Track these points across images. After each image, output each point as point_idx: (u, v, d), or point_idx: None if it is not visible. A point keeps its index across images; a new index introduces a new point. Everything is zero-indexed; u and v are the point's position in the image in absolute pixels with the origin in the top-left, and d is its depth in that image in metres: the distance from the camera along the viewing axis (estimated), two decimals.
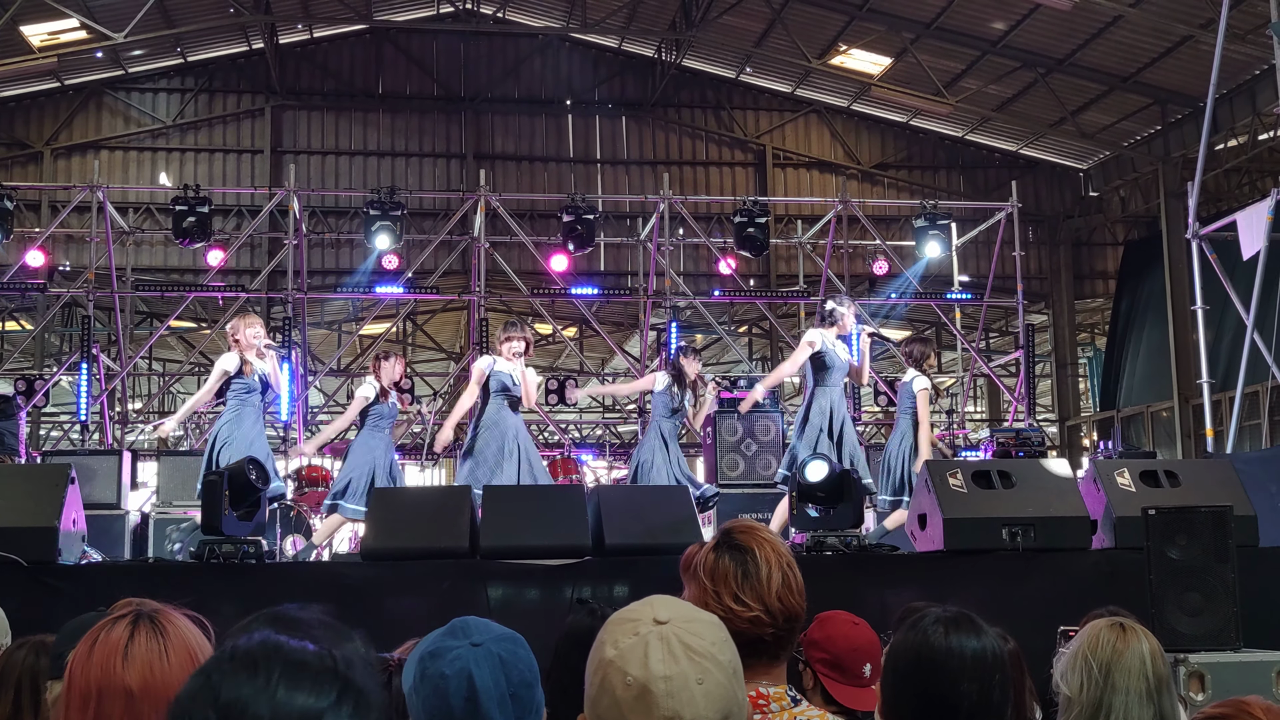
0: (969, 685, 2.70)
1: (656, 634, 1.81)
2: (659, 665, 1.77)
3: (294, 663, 1.37)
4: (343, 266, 23.42)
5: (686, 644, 1.80)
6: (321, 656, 1.39)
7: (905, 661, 2.78)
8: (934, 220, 18.47)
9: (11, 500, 7.59)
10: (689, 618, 1.87)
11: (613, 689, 1.79)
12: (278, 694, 1.33)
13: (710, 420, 14.61)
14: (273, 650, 1.38)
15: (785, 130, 26.10)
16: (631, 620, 1.85)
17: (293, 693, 1.34)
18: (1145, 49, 20.83)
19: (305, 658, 1.38)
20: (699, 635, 1.83)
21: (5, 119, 23.88)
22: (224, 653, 1.39)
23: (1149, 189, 24.15)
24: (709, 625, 1.88)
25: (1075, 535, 7.80)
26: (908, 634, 2.81)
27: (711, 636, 1.85)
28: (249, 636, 1.43)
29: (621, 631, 1.84)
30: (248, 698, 1.33)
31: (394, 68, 25.49)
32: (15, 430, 13.24)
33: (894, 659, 2.84)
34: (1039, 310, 26.20)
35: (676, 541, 5.77)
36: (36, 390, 17.92)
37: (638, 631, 1.82)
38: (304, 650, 1.39)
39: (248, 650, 1.38)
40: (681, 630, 1.82)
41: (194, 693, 1.36)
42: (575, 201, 18.03)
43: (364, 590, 7.44)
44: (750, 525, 2.66)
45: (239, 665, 1.36)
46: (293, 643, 1.40)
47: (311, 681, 1.35)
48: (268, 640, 1.40)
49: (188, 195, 17.54)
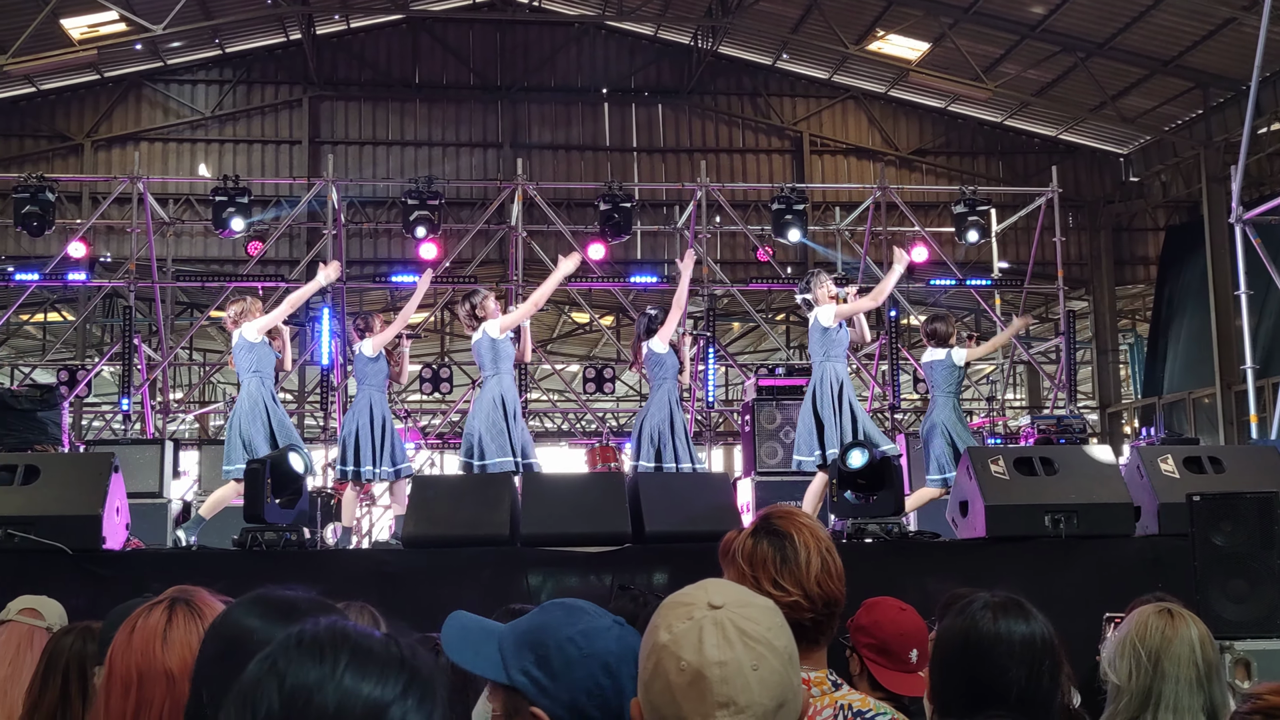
0: (1018, 670, 2.68)
1: (711, 619, 1.79)
2: (713, 650, 1.76)
3: (361, 650, 1.35)
4: (381, 256, 23.51)
5: (741, 629, 1.78)
6: (388, 645, 1.38)
7: (954, 646, 2.76)
8: (973, 206, 18.37)
9: (56, 489, 7.67)
10: (744, 602, 1.85)
11: (666, 674, 1.77)
12: (344, 681, 1.32)
13: (748, 408, 14.60)
14: (340, 637, 1.37)
15: (822, 117, 25.99)
16: (686, 605, 1.83)
17: (359, 681, 1.32)
18: (1187, 32, 20.61)
19: (372, 645, 1.36)
20: (754, 620, 1.81)
21: (46, 112, 24.08)
22: (290, 638, 1.37)
23: (1190, 174, 23.92)
24: (764, 610, 1.86)
25: (1118, 522, 7.76)
26: (956, 619, 2.80)
27: (767, 622, 1.83)
28: (315, 621, 1.41)
29: (675, 616, 1.82)
30: (314, 684, 1.32)
31: (431, 57, 25.53)
32: (58, 420, 13.36)
33: (942, 644, 2.82)
34: (1079, 296, 26.00)
35: (716, 528, 5.75)
36: (79, 380, 18.09)
37: (692, 616, 1.80)
38: (371, 638, 1.37)
39: (315, 636, 1.37)
40: (736, 615, 1.80)
41: (259, 677, 1.34)
42: (612, 190, 18.03)
43: (405, 577, 7.48)
44: (789, 510, 2.65)
45: (305, 651, 1.35)
46: (360, 630, 1.39)
47: (378, 670, 1.34)
48: (335, 626, 1.39)
49: (227, 186, 17.65)
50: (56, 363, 20.58)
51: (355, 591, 3.94)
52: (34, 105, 23.99)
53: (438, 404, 22.41)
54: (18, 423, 12.63)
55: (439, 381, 20.05)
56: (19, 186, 17.28)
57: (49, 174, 18.94)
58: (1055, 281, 18.85)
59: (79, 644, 3.54)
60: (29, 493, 7.62)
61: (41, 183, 17.23)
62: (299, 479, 8.14)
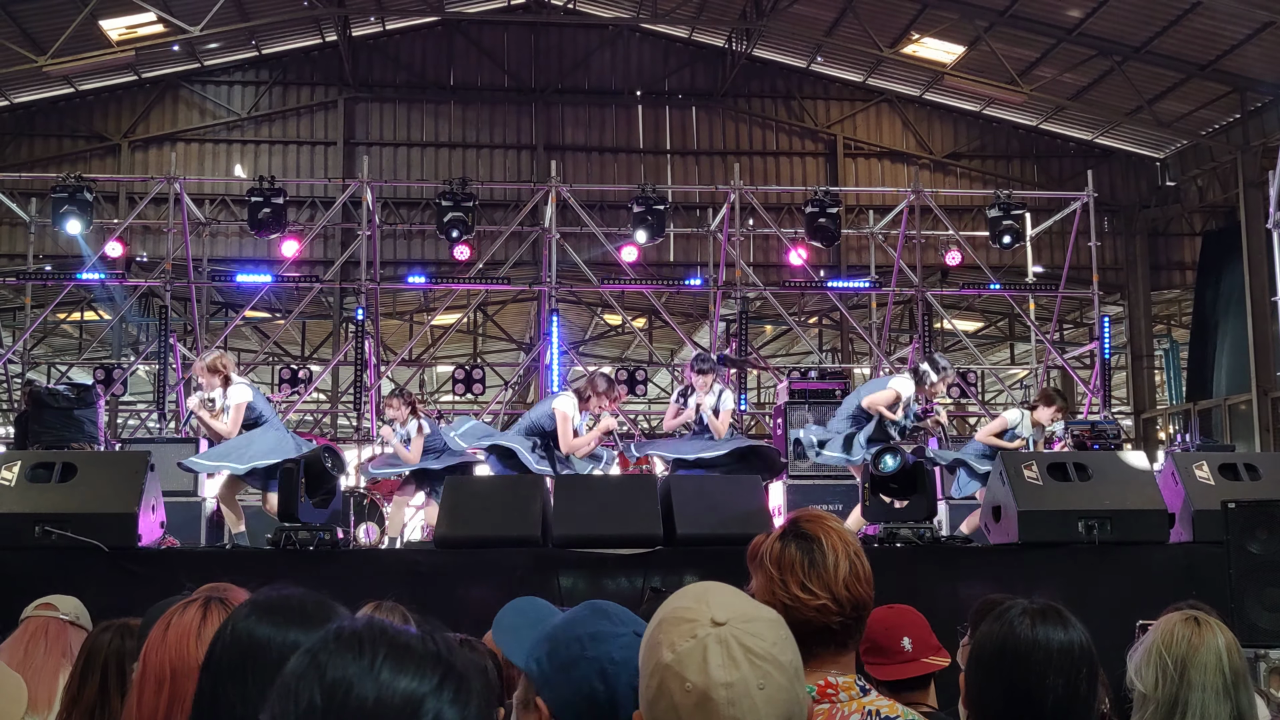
0: (1055, 679, 2.67)
1: (715, 636, 1.77)
2: (719, 671, 1.74)
3: (399, 645, 1.39)
4: (415, 257, 23.58)
5: (747, 646, 1.77)
6: (425, 640, 1.42)
7: (990, 653, 2.75)
8: (1008, 210, 18.30)
9: (93, 487, 7.73)
10: (748, 617, 1.82)
11: (671, 694, 1.75)
12: (382, 675, 1.35)
13: (780, 411, 14.59)
14: (378, 633, 1.41)
15: (856, 120, 25.93)
16: (688, 621, 1.81)
17: (397, 675, 1.36)
18: (1225, 35, 20.47)
19: (409, 641, 1.40)
20: (759, 636, 1.79)
21: (84, 112, 24.28)
22: (329, 633, 1.42)
23: (1227, 178, 23.75)
24: (769, 624, 1.84)
25: (1152, 529, 7.71)
26: (993, 625, 2.78)
27: (772, 636, 1.81)
28: (353, 620, 1.46)
29: (678, 634, 1.79)
30: (353, 678, 1.35)
31: (465, 59, 25.60)
32: (95, 418, 13.45)
33: (979, 651, 2.80)
34: (1114, 301, 25.85)
35: (747, 531, 5.76)
36: (115, 379, 18.24)
37: (695, 634, 1.78)
38: (408, 634, 1.42)
39: (354, 632, 1.41)
40: (740, 632, 1.78)
41: (300, 672, 1.38)
42: (645, 192, 18.05)
43: (437, 577, 7.51)
44: (817, 514, 2.64)
45: (344, 646, 1.39)
46: (397, 627, 1.43)
47: (415, 665, 1.37)
48: (373, 623, 1.43)
49: (262, 187, 17.75)
50: (93, 361, 20.73)
51: (388, 591, 3.97)
52: (72, 106, 24.20)
53: (469, 405, 22.47)
54: (55, 421, 12.72)
55: (471, 383, 20.11)
56: (57, 186, 17.44)
57: (87, 174, 19.11)
58: (1090, 286, 18.75)
59: (117, 641, 3.58)
60: (66, 490, 7.69)
61: (79, 182, 17.38)
62: (333, 479, 8.19)
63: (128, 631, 3.61)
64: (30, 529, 7.39)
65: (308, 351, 26.76)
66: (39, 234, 20.65)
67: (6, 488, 7.66)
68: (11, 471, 7.74)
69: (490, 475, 10.56)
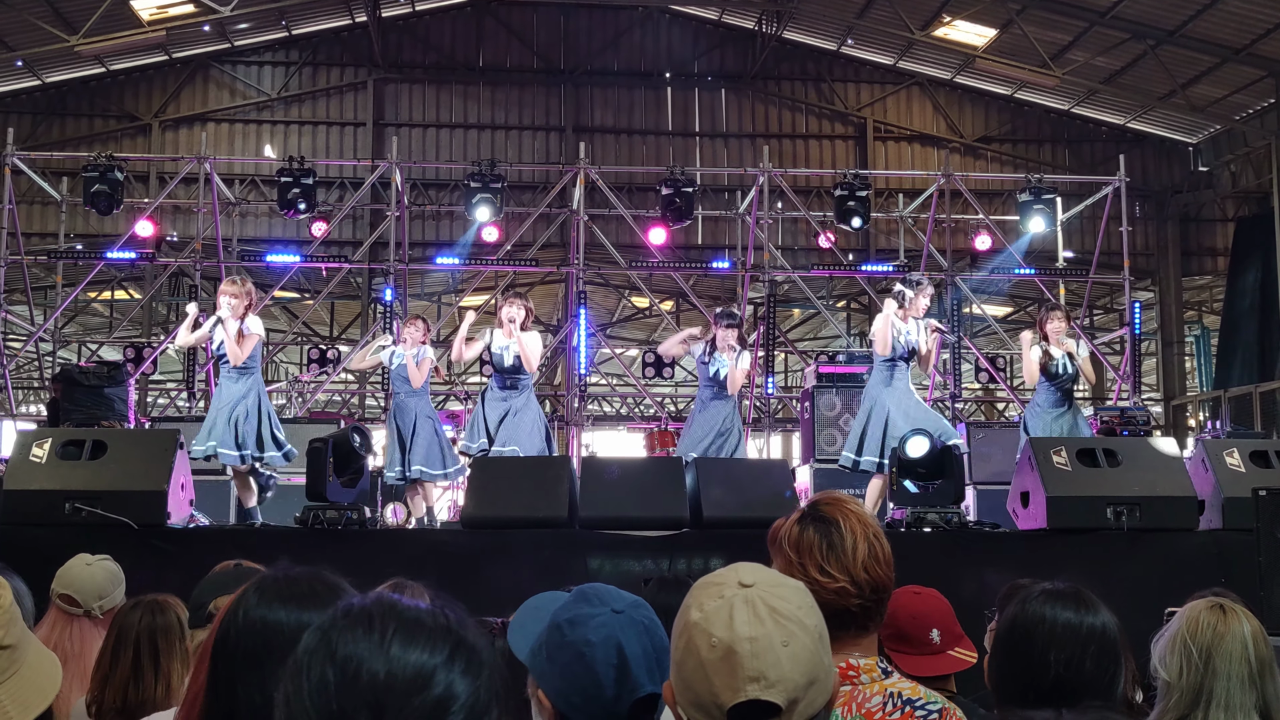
0: (1058, 654, 2.68)
1: (742, 597, 1.81)
2: (744, 626, 1.78)
3: (408, 620, 1.41)
4: (443, 238, 23.61)
5: (772, 606, 1.81)
6: (435, 615, 1.44)
7: (1014, 635, 2.76)
8: (1039, 194, 18.18)
9: (123, 465, 7.78)
10: (774, 582, 1.87)
11: (698, 651, 1.79)
12: (392, 649, 1.37)
13: (808, 395, 14.56)
14: (388, 608, 1.43)
15: (887, 103, 25.83)
16: (717, 584, 1.86)
17: (407, 649, 1.38)
18: (1260, 19, 20.27)
19: (419, 615, 1.42)
20: (784, 599, 1.83)
21: (115, 92, 24.38)
22: (339, 610, 1.44)
23: (1261, 164, 23.56)
24: (794, 590, 1.88)
25: (1182, 515, 7.68)
26: (1017, 607, 2.79)
27: (797, 600, 1.85)
28: (363, 597, 1.47)
29: (706, 595, 1.84)
30: (364, 653, 1.37)
31: (495, 41, 25.59)
32: (125, 397, 13.53)
33: (1003, 632, 2.81)
34: (1145, 287, 25.71)
35: (774, 515, 5.76)
36: (145, 358, 18.33)
37: (723, 595, 1.83)
38: (418, 609, 1.44)
39: (363, 608, 1.43)
40: (767, 593, 1.82)
41: (313, 648, 1.40)
42: (674, 174, 17.99)
43: (464, 558, 7.53)
44: (836, 497, 2.65)
45: (354, 622, 1.41)
46: (406, 601, 1.45)
47: (426, 638, 1.39)
48: (382, 599, 1.45)
49: (292, 167, 17.79)
50: (123, 340, 20.83)
51: (415, 571, 3.98)
52: (104, 85, 24.31)
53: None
54: (85, 399, 12.79)
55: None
56: (88, 165, 17.51)
57: (118, 153, 19.17)
58: (1121, 272, 18.63)
59: (148, 618, 3.60)
60: (96, 468, 7.74)
61: (110, 162, 17.43)
62: (361, 459, 8.22)
63: (158, 608, 3.63)
64: (61, 505, 7.45)
65: (336, 332, 26.86)
66: (70, 213, 20.76)
67: (38, 464, 7.72)
68: (43, 448, 7.80)
69: (518, 456, 10.56)
